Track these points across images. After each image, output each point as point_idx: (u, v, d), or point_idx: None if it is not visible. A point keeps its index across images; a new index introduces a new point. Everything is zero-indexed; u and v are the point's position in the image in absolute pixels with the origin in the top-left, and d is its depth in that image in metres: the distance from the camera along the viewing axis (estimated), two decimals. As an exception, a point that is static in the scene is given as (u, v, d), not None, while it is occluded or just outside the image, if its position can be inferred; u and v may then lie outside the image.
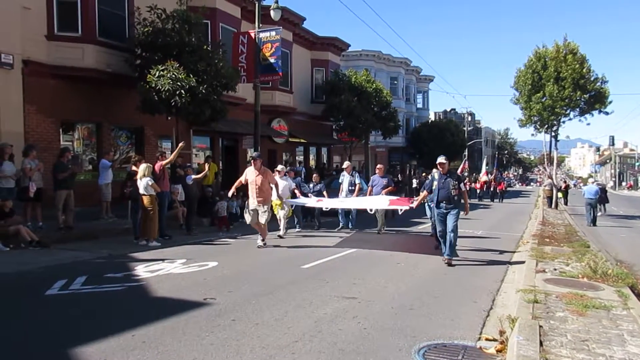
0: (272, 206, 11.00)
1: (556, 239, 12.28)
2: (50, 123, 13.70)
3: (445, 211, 8.71)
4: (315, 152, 30.18)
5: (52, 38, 13.59)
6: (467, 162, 35.53)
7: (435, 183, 8.85)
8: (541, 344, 4.30)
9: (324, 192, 14.01)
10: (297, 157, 27.69)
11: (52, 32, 13.62)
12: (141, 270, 7.66)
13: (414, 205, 10.39)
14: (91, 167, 15.02)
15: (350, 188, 13.82)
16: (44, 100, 13.34)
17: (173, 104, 13.45)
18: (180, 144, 11.60)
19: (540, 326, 4.78)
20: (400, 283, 7.26)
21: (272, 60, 17.87)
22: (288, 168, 14.73)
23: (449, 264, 8.56)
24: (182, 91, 13.22)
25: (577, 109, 24.56)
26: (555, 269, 7.95)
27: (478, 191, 34.66)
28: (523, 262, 8.85)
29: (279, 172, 12.61)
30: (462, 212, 8.80)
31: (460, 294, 6.68)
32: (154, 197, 10.37)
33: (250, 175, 10.35)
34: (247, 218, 10.44)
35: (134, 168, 10.95)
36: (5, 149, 10.63)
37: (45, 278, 7.00)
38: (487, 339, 4.84)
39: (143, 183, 10.23)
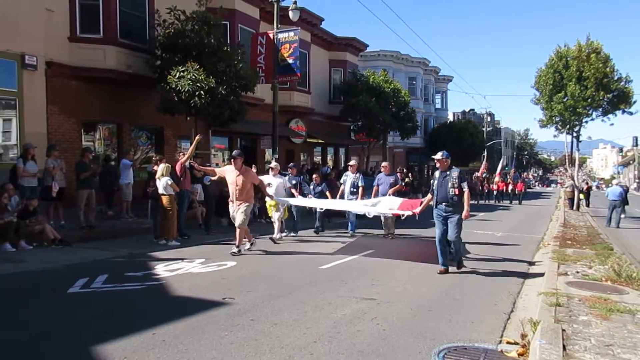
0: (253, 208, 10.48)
1: (578, 241, 12.07)
2: (72, 123, 13.94)
3: (444, 214, 7.88)
4: (333, 153, 30.19)
5: (74, 40, 13.82)
6: (487, 163, 34.94)
7: (435, 182, 8.10)
8: (564, 348, 4.22)
9: (327, 193, 13.06)
10: (314, 158, 27.72)
11: (75, 33, 13.86)
12: (161, 270, 7.72)
13: (418, 211, 9.14)
14: (112, 167, 15.22)
15: (352, 190, 12.57)
16: (66, 101, 13.57)
17: (192, 104, 13.56)
18: (196, 137, 11.38)
19: (563, 330, 4.69)
20: (419, 285, 7.20)
21: (290, 60, 17.93)
22: (291, 164, 13.76)
23: (442, 273, 7.90)
24: (202, 92, 13.33)
25: (600, 109, 24.14)
26: (577, 272, 7.81)
27: (495, 193, 34.13)
28: (544, 265, 8.72)
29: (272, 169, 11.72)
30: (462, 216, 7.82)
31: (480, 296, 6.61)
32: (173, 196, 10.45)
33: (230, 175, 9.57)
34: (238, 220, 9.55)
35: (155, 168, 11.04)
36: (29, 149, 10.84)
37: (68, 276, 7.10)
38: (508, 342, 4.77)
39: (162, 183, 10.32)
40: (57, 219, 11.35)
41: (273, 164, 12.12)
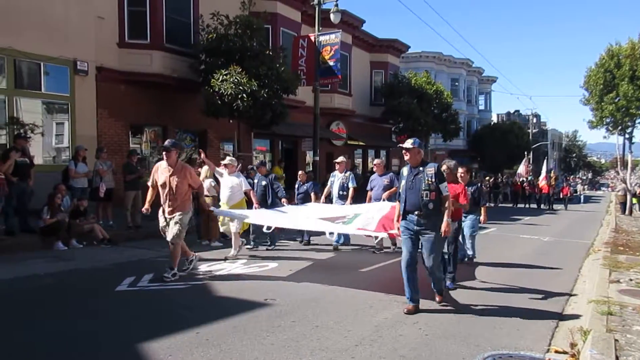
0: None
1: (631, 247, 11.56)
2: (121, 126, 14.42)
3: (416, 228, 5.70)
4: (374, 155, 30.02)
5: (123, 45, 14.30)
6: (528, 164, 33.52)
7: (403, 183, 5.87)
8: (617, 359, 4.05)
9: (312, 195, 11.06)
10: (355, 160, 27.63)
11: (123, 39, 14.34)
12: (204, 270, 7.85)
13: (397, 232, 6.14)
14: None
15: (341, 193, 10.27)
16: (114, 105, 14.04)
17: (235, 107, 13.75)
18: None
19: (616, 340, 4.49)
20: (463, 290, 7.05)
21: (331, 63, 17.95)
22: (257, 162, 11.27)
23: (409, 312, 5.65)
24: (244, 95, 13.50)
25: (655, 110, 23.17)
26: (630, 280, 7.48)
27: (538, 196, 32.87)
28: (594, 271, 8.38)
29: (225, 166, 9.42)
30: (441, 231, 5.68)
31: (526, 303, 6.41)
32: (216, 198, 10.61)
33: (162, 174, 7.12)
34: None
35: (199, 169, 11.25)
36: (80, 151, 11.27)
37: (115, 275, 7.32)
38: (556, 351, 4.61)
39: (206, 184, 10.49)
40: (106, 218, 11.73)
41: (227, 159, 9.57)
